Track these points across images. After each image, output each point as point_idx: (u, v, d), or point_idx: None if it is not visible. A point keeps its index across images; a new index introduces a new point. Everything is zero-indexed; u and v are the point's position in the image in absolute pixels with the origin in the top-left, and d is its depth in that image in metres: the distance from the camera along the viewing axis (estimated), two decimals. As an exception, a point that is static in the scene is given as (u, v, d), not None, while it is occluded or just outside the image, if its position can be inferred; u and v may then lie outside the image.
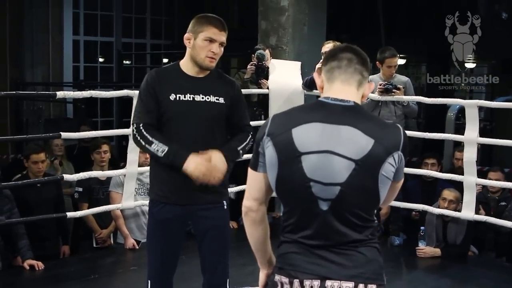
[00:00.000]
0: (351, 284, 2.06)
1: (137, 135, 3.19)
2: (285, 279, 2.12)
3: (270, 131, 2.14)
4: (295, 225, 2.14)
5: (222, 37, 3.23)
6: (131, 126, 3.28)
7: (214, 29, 3.21)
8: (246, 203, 2.25)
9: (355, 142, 2.06)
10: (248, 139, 3.36)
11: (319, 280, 2.07)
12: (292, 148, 2.08)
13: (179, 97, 3.20)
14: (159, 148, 3.13)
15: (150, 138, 3.15)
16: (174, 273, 3.41)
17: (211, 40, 3.20)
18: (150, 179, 3.38)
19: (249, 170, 2.23)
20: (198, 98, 3.22)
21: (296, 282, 2.10)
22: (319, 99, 2.19)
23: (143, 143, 3.17)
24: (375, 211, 2.16)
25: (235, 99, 3.33)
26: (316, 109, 2.15)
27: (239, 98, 3.38)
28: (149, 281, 3.37)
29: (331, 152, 2.06)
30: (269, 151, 2.13)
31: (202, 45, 3.21)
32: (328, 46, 6.02)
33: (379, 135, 2.08)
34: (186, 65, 3.29)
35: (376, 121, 2.17)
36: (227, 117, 3.31)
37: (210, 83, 3.28)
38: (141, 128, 3.18)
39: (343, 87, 2.15)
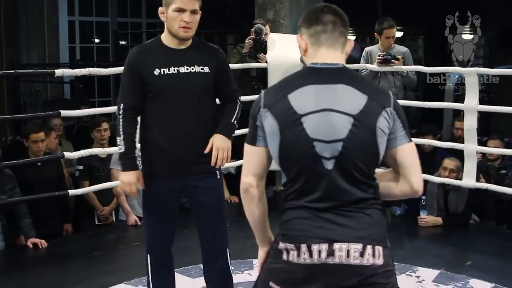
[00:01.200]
0: (360, 245, 2.06)
1: (117, 118, 3.26)
2: (290, 246, 2.11)
3: (266, 103, 2.15)
4: (300, 190, 2.13)
5: (193, 5, 3.18)
6: (117, 104, 3.29)
7: None
8: (246, 179, 2.23)
9: (350, 98, 2.10)
10: (238, 106, 3.37)
11: (327, 244, 2.06)
12: (291, 112, 2.09)
13: (164, 71, 3.19)
14: (121, 144, 3.21)
15: (121, 129, 3.21)
16: (171, 245, 3.42)
17: (181, 10, 3.17)
18: (142, 156, 3.35)
19: (247, 146, 2.22)
20: (183, 69, 3.21)
21: (303, 247, 2.08)
22: (308, 65, 2.19)
23: (117, 129, 3.25)
24: (375, 169, 2.17)
25: (220, 66, 3.31)
26: (308, 74, 2.16)
27: (224, 65, 3.36)
28: (148, 255, 3.39)
29: (329, 109, 2.08)
30: (268, 121, 2.13)
31: (174, 16, 3.18)
32: (352, 39, 6.01)
33: (371, 92, 2.13)
34: (166, 38, 3.27)
35: (366, 81, 2.25)
36: (214, 85, 3.30)
37: (193, 53, 3.26)
38: (121, 112, 3.22)
39: (330, 52, 2.17)
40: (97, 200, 5.73)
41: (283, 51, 6.16)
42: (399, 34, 10.10)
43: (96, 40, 13.61)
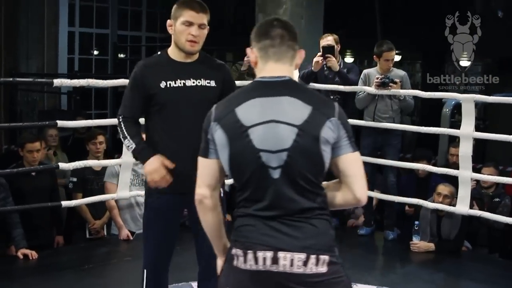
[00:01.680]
0: (303, 255, 2.15)
1: (118, 128, 3.28)
2: (239, 251, 2.20)
3: (215, 117, 2.25)
4: (249, 198, 2.22)
5: (201, 19, 3.21)
6: (117, 116, 3.31)
7: (190, 11, 3.20)
8: (199, 190, 2.32)
9: (295, 109, 2.19)
10: None
11: (272, 252, 2.15)
12: (238, 124, 2.20)
13: (170, 84, 3.20)
14: (130, 144, 3.21)
15: (125, 133, 3.22)
16: (170, 262, 3.41)
17: (189, 23, 3.19)
18: None
19: (200, 159, 2.32)
20: (189, 83, 3.22)
21: (250, 253, 2.18)
22: (256, 79, 2.30)
23: (121, 136, 3.26)
24: (322, 178, 2.24)
25: (227, 81, 3.32)
26: (255, 88, 2.27)
27: (230, 81, 3.38)
28: (145, 270, 3.36)
29: (275, 121, 2.18)
30: (218, 134, 2.23)
31: (181, 29, 3.20)
32: (327, 39, 6.03)
33: (315, 103, 2.22)
34: (173, 52, 3.29)
35: (311, 92, 2.32)
36: (220, 99, 3.30)
37: (199, 67, 3.28)
38: (120, 120, 3.25)
39: (278, 65, 2.27)
40: (89, 213, 5.71)
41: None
42: (397, 58, 10.13)
43: (95, 52, 13.63)
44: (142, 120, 3.39)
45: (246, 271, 2.19)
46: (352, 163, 2.25)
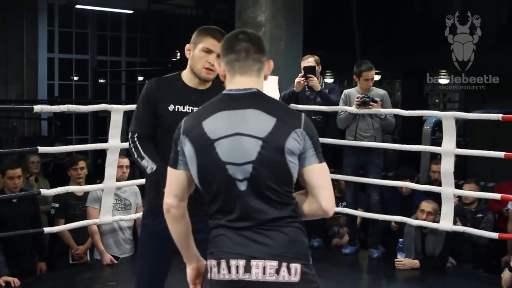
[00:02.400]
0: (275, 263, 2.17)
1: (131, 146, 3.25)
2: (213, 262, 2.23)
3: (184, 130, 2.29)
4: (220, 210, 2.25)
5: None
6: (129, 132, 3.28)
7: (212, 39, 3.17)
8: (167, 200, 2.37)
9: (259, 121, 2.21)
10: None
11: (244, 260, 2.18)
12: (205, 138, 2.23)
13: (178, 108, 3.20)
14: (149, 165, 3.18)
15: (142, 153, 3.20)
16: (163, 285, 3.36)
17: (209, 51, 3.17)
18: (146, 190, 3.36)
19: (169, 169, 2.36)
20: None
21: (223, 263, 2.21)
22: (223, 92, 2.33)
23: (136, 155, 3.23)
24: (292, 188, 2.26)
25: None
26: (222, 101, 2.30)
27: None
28: None
29: (239, 134, 2.21)
30: (187, 147, 2.26)
31: (200, 56, 3.18)
32: (309, 61, 6.06)
33: (280, 114, 2.24)
34: (187, 76, 3.27)
35: (277, 104, 2.35)
36: None
37: (210, 95, 3.20)
38: (136, 139, 3.23)
39: (244, 79, 2.30)
40: (72, 239, 5.65)
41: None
42: (376, 77, 10.22)
43: (75, 78, 13.60)
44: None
45: (220, 282, 2.21)
46: (318, 174, 2.26)
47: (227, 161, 2.20)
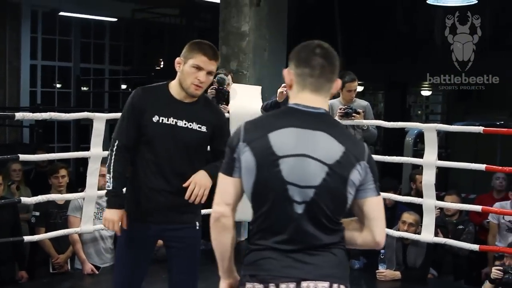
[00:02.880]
0: (327, 284, 2.11)
1: (109, 153, 3.27)
2: (259, 286, 2.13)
3: (245, 137, 2.17)
4: (268, 230, 2.16)
5: (211, 66, 3.20)
6: (111, 138, 3.30)
7: (203, 57, 3.18)
8: (218, 208, 2.23)
9: (328, 147, 2.14)
10: None
11: (295, 283, 2.10)
12: (270, 152, 2.13)
13: (162, 119, 3.21)
14: (109, 181, 3.22)
15: (111, 168, 3.22)
16: None
17: (199, 68, 3.18)
18: (126, 195, 3.37)
19: (222, 176, 2.24)
20: (181, 123, 3.22)
21: (271, 286, 2.11)
22: (290, 105, 2.23)
23: (107, 164, 3.26)
24: (342, 217, 2.22)
25: (218, 128, 3.30)
26: (290, 115, 2.20)
27: (222, 128, 3.35)
28: None
29: (307, 155, 2.12)
30: (246, 156, 2.15)
31: (190, 72, 3.18)
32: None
33: (348, 143, 2.17)
34: (174, 88, 3.27)
35: (344, 131, 2.27)
36: (208, 144, 3.32)
37: (195, 110, 3.26)
38: (114, 149, 3.24)
39: (313, 96, 2.20)
40: (53, 248, 5.60)
41: (245, 101, 6.20)
42: (359, 88, 10.26)
43: (58, 85, 13.55)
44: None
45: None
46: (375, 207, 2.22)
47: (289, 181, 2.11)
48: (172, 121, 3.20)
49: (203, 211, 3.41)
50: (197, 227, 3.32)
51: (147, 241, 3.31)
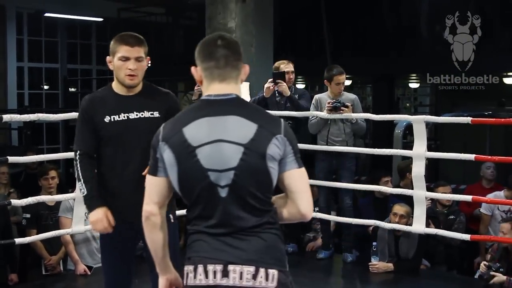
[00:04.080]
0: (252, 268, 2.17)
1: (74, 164, 3.33)
2: (190, 267, 2.22)
3: (163, 136, 2.27)
4: (199, 216, 2.24)
5: (136, 52, 3.26)
6: (73, 151, 3.36)
7: (125, 46, 3.26)
8: (147, 208, 2.33)
9: (240, 128, 2.22)
10: None
11: (222, 265, 2.18)
12: (186, 145, 2.22)
13: (114, 118, 3.26)
14: (82, 188, 3.26)
15: (80, 175, 3.26)
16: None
17: (126, 58, 3.25)
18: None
19: (148, 176, 2.33)
20: (133, 115, 3.27)
21: (200, 267, 2.19)
22: (202, 97, 2.32)
23: (76, 175, 3.32)
24: (272, 194, 2.27)
25: (171, 109, 3.29)
26: (202, 107, 2.29)
27: (174, 108, 3.34)
28: None
29: (221, 140, 2.21)
30: (167, 154, 2.24)
31: (119, 65, 3.26)
32: (289, 66, 6.08)
33: (261, 120, 2.25)
34: (116, 86, 3.35)
35: (257, 110, 2.36)
36: None
37: (142, 99, 3.32)
38: (77, 158, 3.29)
39: (223, 85, 2.29)
40: (45, 249, 5.59)
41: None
42: (347, 82, 10.27)
43: (45, 87, 13.50)
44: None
45: (196, 287, 2.20)
46: (297, 179, 2.28)
47: (208, 168, 2.19)
48: (124, 116, 3.26)
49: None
50: (172, 220, 3.29)
51: (124, 241, 3.35)
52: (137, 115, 3.27)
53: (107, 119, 3.24)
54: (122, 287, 3.43)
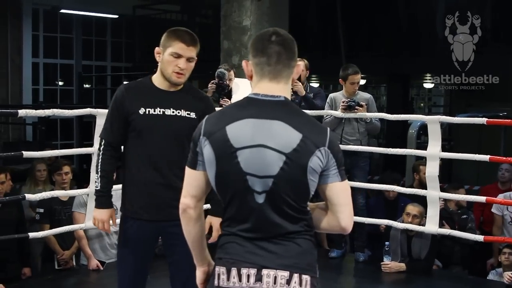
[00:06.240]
0: (286, 273, 2.14)
1: (96, 153, 3.30)
2: (223, 269, 2.18)
3: (205, 131, 2.22)
4: (233, 218, 2.21)
5: (190, 52, 3.19)
6: (99, 138, 3.32)
7: (181, 44, 3.17)
8: (184, 200, 2.30)
9: (285, 136, 2.15)
10: None
11: (256, 269, 2.14)
12: (227, 144, 2.16)
13: (149, 111, 3.19)
14: (97, 181, 3.25)
15: (99, 167, 3.24)
16: None
17: (178, 56, 3.17)
18: (121, 196, 3.36)
19: (187, 169, 2.29)
20: (169, 112, 3.20)
21: (233, 271, 2.16)
22: (249, 95, 2.25)
23: (95, 165, 3.31)
24: (307, 203, 2.23)
25: (207, 114, 3.29)
26: (248, 106, 2.22)
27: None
28: None
29: (263, 146, 2.15)
30: (207, 149, 2.20)
31: (169, 60, 3.18)
32: (300, 64, 6.06)
33: (306, 130, 2.17)
34: (157, 79, 3.27)
35: (305, 117, 2.25)
36: None
37: (181, 97, 3.25)
38: (102, 148, 3.25)
39: (272, 84, 2.22)
40: (57, 244, 5.61)
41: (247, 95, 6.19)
42: (362, 82, 10.25)
43: (60, 83, 13.56)
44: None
45: None
46: (340, 192, 2.22)
47: (248, 172, 2.15)
48: (160, 111, 3.20)
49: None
50: None
51: (146, 239, 3.29)
52: (173, 112, 3.21)
53: (141, 110, 3.18)
54: (137, 286, 3.37)
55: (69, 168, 5.85)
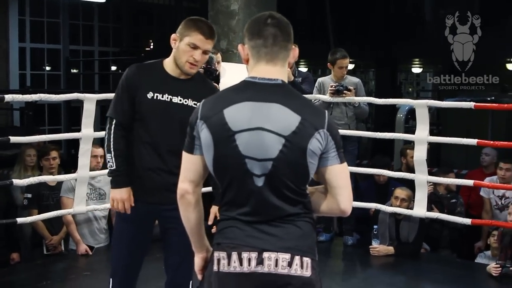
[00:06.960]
0: (288, 255, 2.14)
1: (106, 132, 3.22)
2: (223, 254, 2.17)
3: (202, 115, 2.19)
4: (232, 202, 2.20)
5: (207, 45, 3.15)
6: (107, 117, 3.24)
7: (200, 35, 3.12)
8: (182, 185, 2.28)
9: (283, 118, 2.14)
10: None
11: (256, 252, 2.13)
12: (225, 128, 2.15)
13: (157, 96, 3.16)
14: (111, 161, 3.18)
15: (111, 147, 3.18)
16: (138, 273, 3.37)
17: (195, 46, 3.13)
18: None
19: (184, 154, 2.27)
20: (176, 99, 3.17)
21: (234, 255, 2.15)
22: (246, 78, 2.23)
23: (106, 144, 3.22)
24: (307, 186, 2.22)
25: None
26: (245, 89, 2.20)
27: None
28: (111, 279, 3.31)
29: (262, 128, 2.13)
30: (204, 133, 2.18)
31: (185, 49, 3.14)
32: (297, 48, 6.05)
33: (305, 112, 2.16)
34: (169, 64, 3.23)
35: (303, 100, 2.24)
36: None
37: (190, 86, 3.21)
38: (112, 127, 3.19)
39: (269, 67, 2.21)
40: (46, 229, 5.60)
41: (235, 80, 6.08)
42: (350, 66, 10.26)
43: (47, 68, 13.48)
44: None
45: (230, 274, 2.15)
46: (338, 175, 2.21)
47: (246, 155, 2.13)
48: (167, 98, 3.17)
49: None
50: None
51: (144, 221, 3.28)
52: (180, 100, 3.17)
53: (150, 94, 3.15)
54: (131, 272, 3.34)
55: (56, 153, 5.84)
